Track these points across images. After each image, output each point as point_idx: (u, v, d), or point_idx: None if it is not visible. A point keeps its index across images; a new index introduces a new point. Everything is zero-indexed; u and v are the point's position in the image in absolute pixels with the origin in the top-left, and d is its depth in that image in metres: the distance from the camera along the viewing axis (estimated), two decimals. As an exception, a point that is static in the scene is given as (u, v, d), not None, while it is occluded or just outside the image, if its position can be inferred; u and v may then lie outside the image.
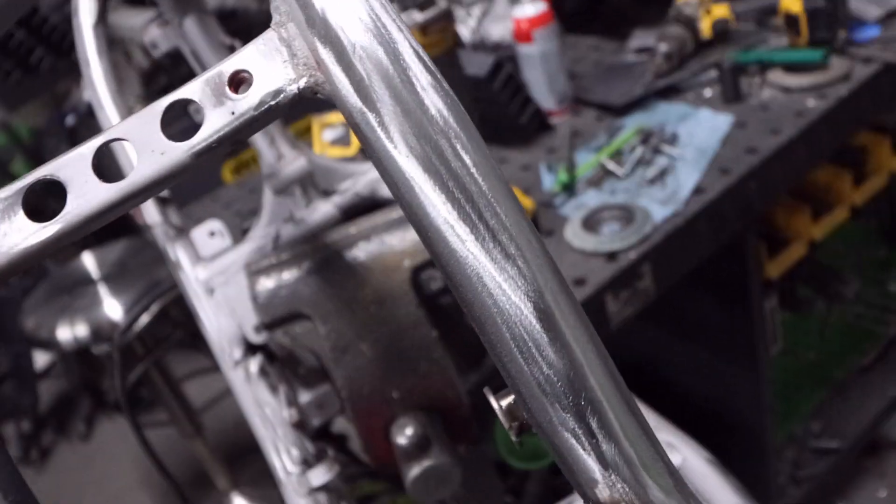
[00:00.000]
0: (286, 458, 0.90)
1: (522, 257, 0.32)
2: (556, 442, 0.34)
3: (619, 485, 0.33)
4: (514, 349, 0.33)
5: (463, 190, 0.32)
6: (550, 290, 0.33)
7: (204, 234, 0.98)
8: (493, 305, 0.32)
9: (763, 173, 1.45)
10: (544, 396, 0.33)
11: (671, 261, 1.37)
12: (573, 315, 0.33)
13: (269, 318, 0.91)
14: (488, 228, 0.32)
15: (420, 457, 0.87)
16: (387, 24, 0.32)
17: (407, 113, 0.32)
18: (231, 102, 0.33)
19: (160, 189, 0.33)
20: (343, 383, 0.91)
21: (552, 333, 0.32)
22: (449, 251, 0.32)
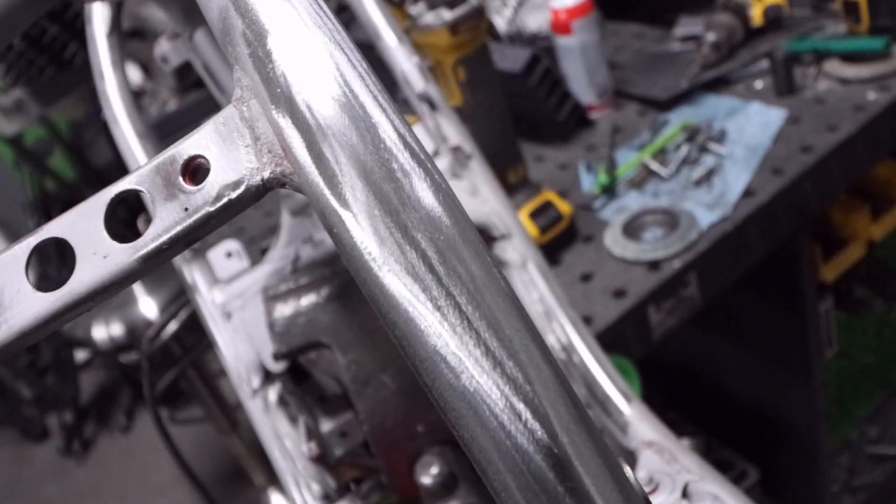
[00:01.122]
0: (307, 494, 0.86)
1: (532, 392, 0.26)
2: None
3: None
4: (521, 502, 0.27)
5: (457, 310, 0.26)
6: (566, 430, 0.27)
7: (221, 255, 0.94)
8: (495, 449, 0.26)
9: (819, 173, 1.35)
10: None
11: (718, 269, 1.29)
12: (593, 458, 0.27)
13: (286, 347, 0.86)
14: (490, 357, 0.26)
15: (446, 497, 0.82)
16: (365, 103, 0.26)
17: (390, 215, 0.26)
18: (184, 196, 0.28)
19: (105, 298, 0.28)
20: (365, 417, 0.86)
21: (569, 483, 0.26)
22: (442, 384, 0.26)
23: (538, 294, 0.88)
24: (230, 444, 2.43)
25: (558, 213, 1.32)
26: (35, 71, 2.32)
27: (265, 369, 0.91)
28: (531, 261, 0.90)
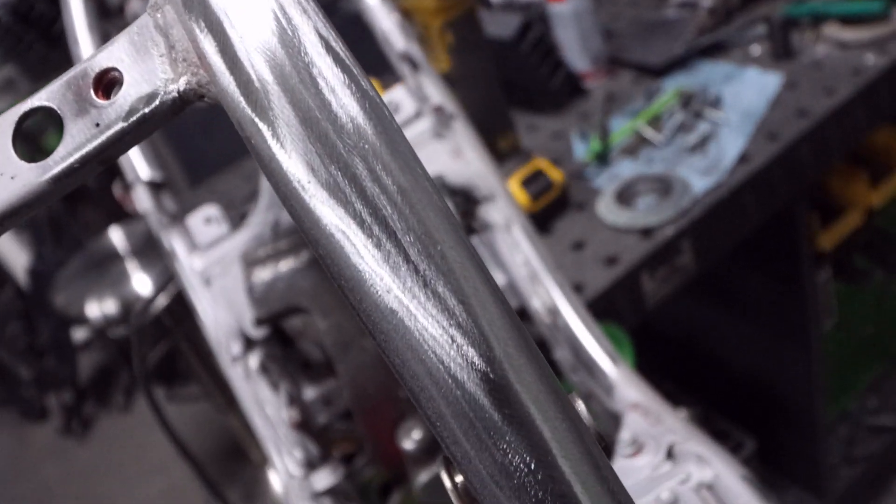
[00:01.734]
0: (288, 461, 0.85)
1: (466, 312, 0.24)
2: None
3: None
4: (457, 430, 0.25)
5: (384, 226, 0.24)
6: (505, 354, 0.25)
7: (199, 221, 0.92)
8: (427, 374, 0.25)
9: (816, 139, 1.33)
10: (500, 489, 0.25)
11: (713, 236, 1.27)
12: (536, 384, 0.25)
13: (265, 312, 0.84)
14: (419, 276, 0.24)
15: (429, 462, 0.81)
16: (284, 4, 0.24)
17: (308, 124, 0.24)
18: (96, 111, 0.26)
19: (14, 222, 0.26)
20: (347, 382, 0.84)
21: (507, 410, 0.25)
22: (369, 304, 0.25)
23: (522, 257, 0.86)
24: (228, 422, 2.43)
25: (550, 181, 1.29)
26: (24, 47, 2.30)
27: (246, 336, 0.89)
28: (516, 223, 0.88)
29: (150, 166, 0.93)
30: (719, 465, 0.66)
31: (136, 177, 0.92)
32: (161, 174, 0.94)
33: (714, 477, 0.66)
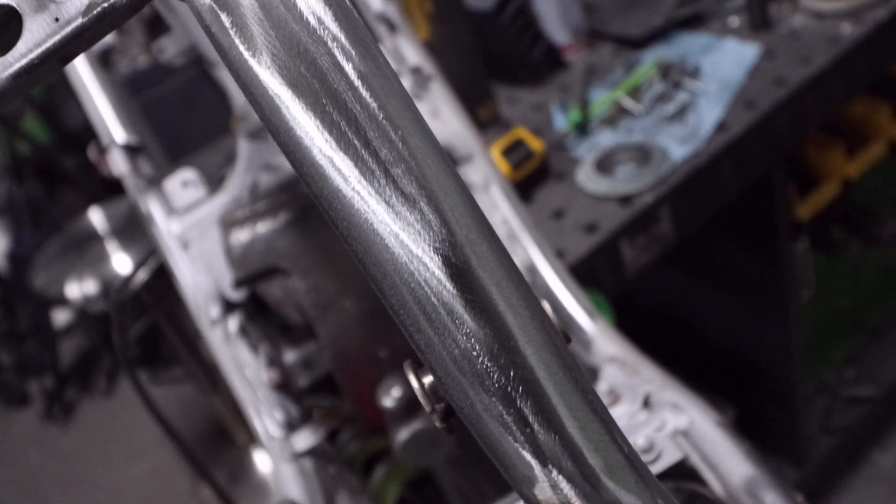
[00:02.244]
0: (268, 422, 0.85)
1: (426, 197, 0.25)
2: (482, 431, 0.26)
3: (563, 484, 0.26)
4: (420, 317, 0.25)
5: (344, 112, 0.24)
6: (466, 239, 0.25)
7: (177, 184, 0.91)
8: (389, 261, 0.25)
9: (793, 107, 1.33)
10: (463, 376, 0.25)
11: (692, 204, 1.28)
12: (498, 270, 0.25)
13: (243, 273, 0.84)
14: (379, 161, 0.24)
15: (408, 420, 0.81)
16: None
17: (268, 10, 0.24)
18: (55, 6, 0.26)
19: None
20: (327, 342, 0.84)
21: (469, 295, 0.25)
22: (330, 191, 0.25)
23: (501, 216, 0.86)
24: (212, 403, 2.43)
25: (530, 151, 1.30)
26: (0, 26, 2.26)
27: (225, 299, 0.89)
28: (494, 183, 0.88)
29: (126, 130, 0.92)
30: (694, 412, 0.67)
31: (111, 140, 0.91)
32: (137, 138, 0.93)
33: (689, 423, 0.67)
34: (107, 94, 0.94)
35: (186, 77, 2.47)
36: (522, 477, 0.26)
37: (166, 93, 2.43)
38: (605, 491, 0.26)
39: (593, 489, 0.26)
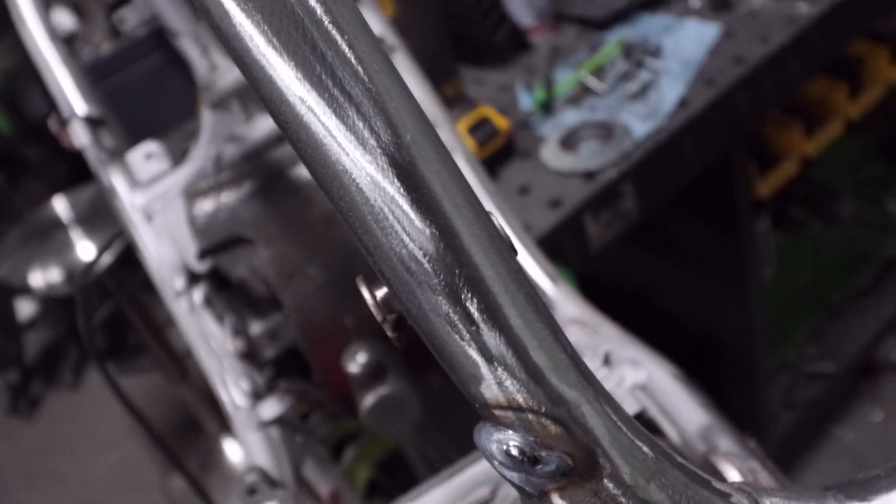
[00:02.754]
0: (234, 391, 0.85)
1: (372, 100, 0.25)
2: (430, 332, 0.27)
3: (507, 381, 0.27)
4: (367, 218, 0.26)
5: (291, 15, 0.25)
6: (412, 140, 0.26)
7: (140, 157, 0.91)
8: (337, 162, 0.26)
9: (752, 84, 1.36)
10: (409, 276, 0.26)
11: (655, 180, 1.30)
12: (443, 172, 0.26)
13: (207, 242, 0.84)
14: (325, 64, 0.25)
15: (374, 385, 0.82)
16: None
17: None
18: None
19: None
20: (292, 310, 0.85)
21: (414, 195, 0.26)
22: (277, 94, 0.25)
23: (464, 184, 0.87)
24: (180, 393, 2.41)
25: (496, 129, 1.31)
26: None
27: (189, 271, 0.89)
28: (458, 152, 0.89)
29: (88, 102, 0.92)
30: (652, 367, 0.69)
31: (71, 112, 0.90)
32: (99, 111, 0.93)
33: (647, 378, 0.69)
34: (67, 67, 0.93)
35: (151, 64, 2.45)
36: (469, 376, 0.27)
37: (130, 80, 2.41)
38: (549, 387, 0.27)
39: (537, 385, 0.27)
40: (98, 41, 2.45)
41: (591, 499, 0.28)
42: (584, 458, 0.28)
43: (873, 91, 1.66)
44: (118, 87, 2.36)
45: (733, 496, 0.31)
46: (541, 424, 0.27)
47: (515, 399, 0.27)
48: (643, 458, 0.29)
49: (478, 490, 0.68)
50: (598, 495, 0.28)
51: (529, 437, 0.27)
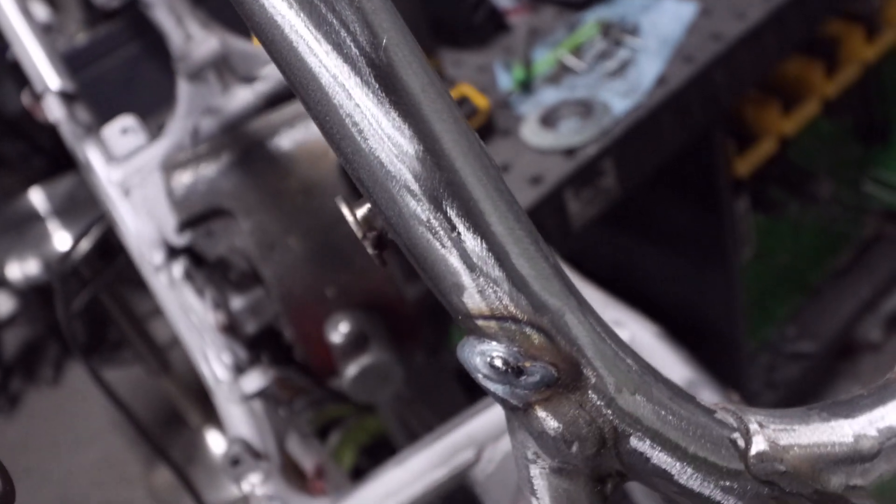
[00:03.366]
0: (216, 365, 0.84)
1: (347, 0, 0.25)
2: (411, 241, 0.27)
3: (490, 290, 0.27)
4: (344, 121, 0.26)
5: None
6: (389, 42, 0.25)
7: (116, 131, 0.90)
8: (311, 64, 0.25)
9: (729, 61, 1.37)
10: (389, 181, 0.26)
11: (635, 156, 1.30)
12: (421, 75, 0.26)
13: (186, 214, 0.84)
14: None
15: (357, 355, 0.82)
16: None
17: None
18: None
19: None
20: (273, 282, 0.84)
21: (393, 97, 0.25)
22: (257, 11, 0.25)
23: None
24: (163, 385, 2.39)
25: (475, 107, 1.31)
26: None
27: (168, 245, 0.88)
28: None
29: (61, 77, 0.90)
30: (634, 327, 0.69)
31: (45, 87, 0.89)
32: (73, 86, 0.92)
33: (630, 337, 0.69)
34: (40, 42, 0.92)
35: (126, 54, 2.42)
36: (451, 286, 0.27)
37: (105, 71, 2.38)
38: (532, 295, 0.27)
39: (520, 293, 0.27)
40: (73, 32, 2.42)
41: (576, 410, 0.28)
42: (568, 368, 0.28)
43: (849, 70, 1.68)
44: (93, 78, 2.33)
45: (717, 412, 0.31)
46: (524, 334, 0.27)
47: (498, 308, 0.27)
48: (627, 369, 0.29)
49: (463, 452, 0.68)
50: (582, 406, 0.28)
51: (513, 348, 0.27)
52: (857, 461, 0.31)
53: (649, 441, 0.29)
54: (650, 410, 0.29)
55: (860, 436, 0.31)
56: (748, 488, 0.30)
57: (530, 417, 0.28)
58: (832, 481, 0.31)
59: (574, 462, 0.29)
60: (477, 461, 0.68)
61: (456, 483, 0.68)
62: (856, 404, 0.33)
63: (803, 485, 0.31)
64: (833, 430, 0.32)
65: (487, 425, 0.69)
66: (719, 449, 0.30)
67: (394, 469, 0.70)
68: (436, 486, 0.68)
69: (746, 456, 0.31)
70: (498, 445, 0.68)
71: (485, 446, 0.69)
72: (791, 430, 0.32)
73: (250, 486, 0.76)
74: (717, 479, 0.30)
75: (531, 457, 0.29)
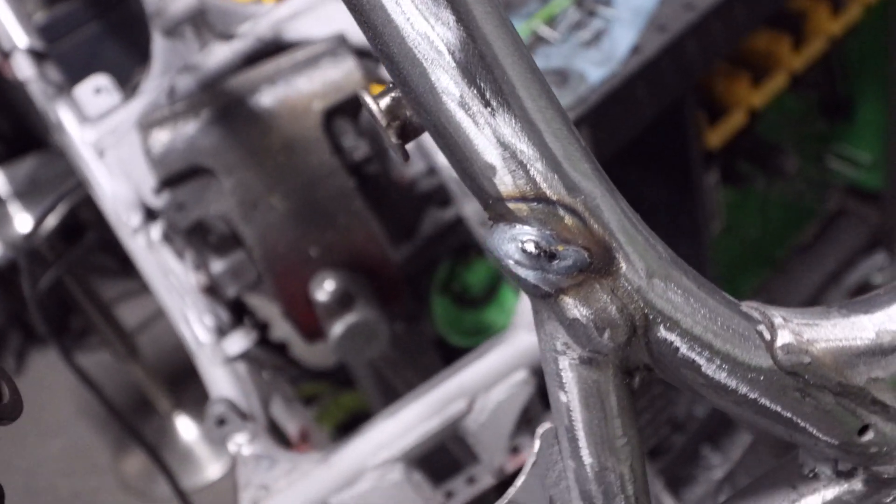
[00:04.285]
0: (198, 327, 0.83)
1: None
2: (442, 120, 0.26)
3: (522, 169, 0.26)
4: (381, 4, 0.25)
5: None
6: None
7: (88, 91, 0.88)
8: None
9: (701, 30, 1.38)
10: (420, 55, 0.25)
11: (610, 125, 1.31)
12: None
13: (166, 173, 0.82)
14: None
15: (343, 313, 0.81)
16: None
17: None
18: None
19: None
20: (255, 242, 0.83)
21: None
22: None
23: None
24: (131, 371, 2.35)
25: (450, 76, 1.30)
26: None
27: (146, 206, 0.86)
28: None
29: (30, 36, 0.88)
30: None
31: (13, 45, 0.86)
32: (43, 45, 0.89)
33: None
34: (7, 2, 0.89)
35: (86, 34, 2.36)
36: (482, 167, 0.27)
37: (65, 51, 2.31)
38: (565, 176, 0.27)
39: (553, 173, 0.26)
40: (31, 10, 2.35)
41: (608, 296, 0.28)
42: (600, 253, 0.28)
43: (815, 43, 1.70)
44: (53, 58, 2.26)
45: (742, 305, 0.31)
46: (556, 217, 0.27)
47: (531, 189, 0.26)
48: (658, 256, 0.29)
49: (455, 403, 0.68)
50: (614, 292, 0.28)
51: (546, 231, 0.27)
52: (878, 354, 0.31)
53: (679, 330, 0.29)
54: (680, 299, 0.29)
55: (881, 330, 0.32)
56: (774, 380, 0.30)
57: (561, 305, 0.28)
58: (854, 373, 0.31)
59: (604, 351, 0.28)
60: (469, 411, 0.68)
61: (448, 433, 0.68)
62: (874, 301, 0.33)
63: (827, 377, 0.31)
64: (854, 325, 0.32)
65: (479, 376, 0.69)
66: (746, 341, 0.30)
67: (386, 421, 0.69)
68: (428, 437, 0.67)
69: (773, 348, 0.31)
70: (490, 395, 0.68)
71: (476, 396, 0.68)
72: (814, 324, 0.32)
73: (237, 446, 0.75)
74: (744, 371, 0.30)
75: (560, 348, 0.29)
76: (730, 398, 0.31)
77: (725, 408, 0.32)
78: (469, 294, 1.28)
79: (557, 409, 0.30)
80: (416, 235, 1.16)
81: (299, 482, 0.68)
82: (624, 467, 0.30)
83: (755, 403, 0.31)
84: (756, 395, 0.31)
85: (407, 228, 1.16)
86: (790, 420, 0.32)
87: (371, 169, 1.11)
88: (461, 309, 1.28)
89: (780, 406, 0.31)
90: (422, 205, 1.18)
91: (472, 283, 1.30)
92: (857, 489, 0.34)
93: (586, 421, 0.30)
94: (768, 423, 0.32)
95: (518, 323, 0.70)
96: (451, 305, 1.27)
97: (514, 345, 0.69)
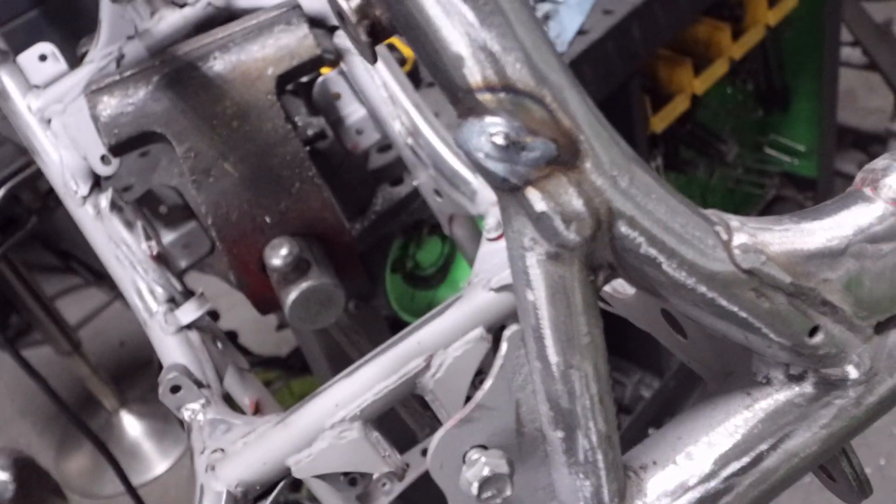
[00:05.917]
0: (149, 298, 0.81)
1: None
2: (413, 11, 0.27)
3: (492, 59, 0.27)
4: None
5: None
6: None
7: (34, 58, 0.85)
8: None
9: (646, 14, 1.42)
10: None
11: (558, 106, 1.33)
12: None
13: (115, 139, 0.80)
14: None
15: (298, 279, 0.80)
16: None
17: None
18: None
19: None
20: (208, 209, 0.82)
21: None
22: None
23: (381, 80, 0.87)
24: (75, 367, 2.29)
25: (403, 56, 1.30)
26: None
27: (94, 175, 0.84)
28: (373, 50, 0.88)
29: (-30, 1, 0.85)
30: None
31: (-47, 8, 0.84)
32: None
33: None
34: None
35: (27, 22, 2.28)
36: (452, 58, 0.27)
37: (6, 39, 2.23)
38: (534, 67, 0.27)
39: (522, 64, 0.27)
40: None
41: (574, 189, 0.29)
42: (567, 145, 0.28)
43: (753, 32, 1.76)
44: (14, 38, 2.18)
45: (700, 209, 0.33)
46: (525, 108, 0.28)
47: (499, 79, 0.27)
48: (622, 152, 0.30)
49: (412, 362, 0.68)
50: (581, 185, 0.29)
51: (515, 122, 0.28)
52: (827, 256, 0.33)
53: (641, 226, 0.30)
54: (643, 195, 0.30)
55: (830, 235, 0.33)
56: (731, 279, 0.32)
57: (529, 198, 0.29)
58: (806, 274, 0.32)
59: (570, 245, 0.29)
60: (426, 368, 0.68)
61: (406, 390, 0.68)
62: (822, 210, 0.35)
63: (780, 277, 0.32)
64: (804, 231, 0.34)
65: (436, 334, 0.70)
66: (705, 239, 0.32)
67: (343, 381, 0.69)
68: (385, 395, 0.67)
69: (730, 247, 0.32)
70: (447, 352, 0.68)
71: (434, 353, 0.69)
72: (768, 228, 0.33)
73: (191, 413, 0.74)
74: (702, 270, 0.31)
75: (528, 244, 0.30)
76: (689, 298, 0.32)
77: (686, 310, 0.33)
78: (421, 272, 1.29)
79: (524, 308, 0.31)
80: (368, 211, 1.16)
81: (256, 443, 0.67)
82: (588, 365, 0.31)
83: (713, 303, 0.32)
84: (714, 295, 0.32)
85: (360, 204, 1.17)
86: (746, 321, 0.33)
87: (323, 145, 1.11)
88: (413, 287, 1.29)
89: (737, 306, 0.32)
90: (375, 182, 1.18)
91: (424, 262, 1.30)
92: (808, 392, 0.36)
93: (552, 318, 0.30)
94: (725, 325, 0.34)
95: (475, 282, 0.71)
96: (404, 284, 1.27)
97: (472, 303, 0.70)
